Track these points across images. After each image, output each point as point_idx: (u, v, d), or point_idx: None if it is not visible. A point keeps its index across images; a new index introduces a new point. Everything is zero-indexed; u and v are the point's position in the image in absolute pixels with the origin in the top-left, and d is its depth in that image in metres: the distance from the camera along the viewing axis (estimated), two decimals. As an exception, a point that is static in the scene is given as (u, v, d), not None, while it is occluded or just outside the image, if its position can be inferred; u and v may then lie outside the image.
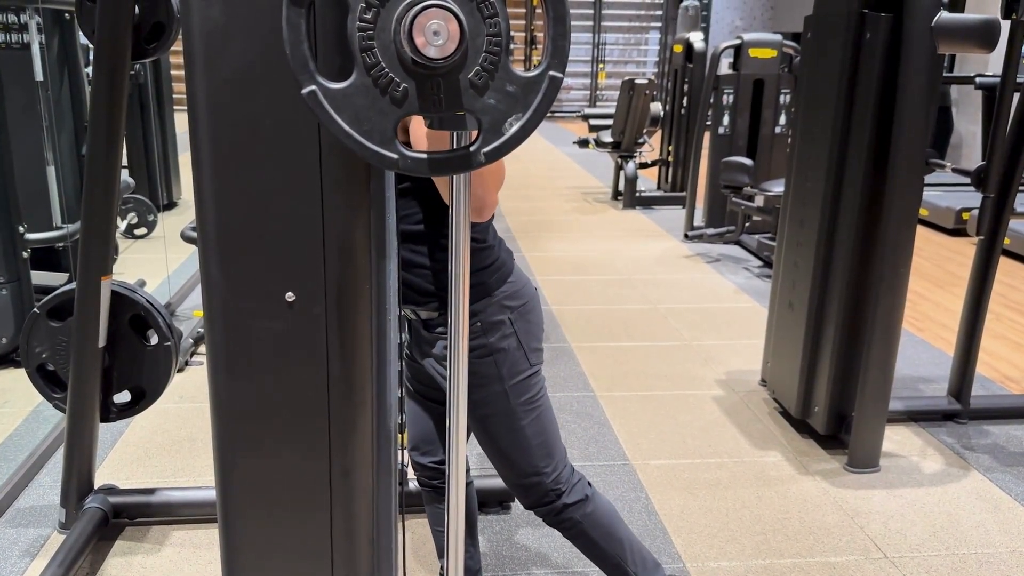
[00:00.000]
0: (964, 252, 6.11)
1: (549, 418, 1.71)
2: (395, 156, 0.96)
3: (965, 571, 2.36)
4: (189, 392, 3.42)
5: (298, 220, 1.11)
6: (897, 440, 3.12)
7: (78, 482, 2.45)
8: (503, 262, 1.64)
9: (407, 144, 1.46)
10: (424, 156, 0.96)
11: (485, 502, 2.63)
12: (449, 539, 1.33)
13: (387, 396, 1.30)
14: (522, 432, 1.67)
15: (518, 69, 0.96)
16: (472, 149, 0.97)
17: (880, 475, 2.87)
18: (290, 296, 1.14)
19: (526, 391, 1.66)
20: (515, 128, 0.97)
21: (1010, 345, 4.20)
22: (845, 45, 2.78)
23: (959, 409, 3.27)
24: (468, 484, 1.98)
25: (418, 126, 1.37)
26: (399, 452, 1.38)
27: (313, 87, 0.92)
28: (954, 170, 3.19)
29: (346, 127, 0.94)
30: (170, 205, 6.58)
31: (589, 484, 1.80)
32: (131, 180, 5.30)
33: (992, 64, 8.26)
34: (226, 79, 1.06)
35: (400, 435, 1.44)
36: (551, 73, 0.96)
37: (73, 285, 2.30)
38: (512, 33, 1.01)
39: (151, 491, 2.53)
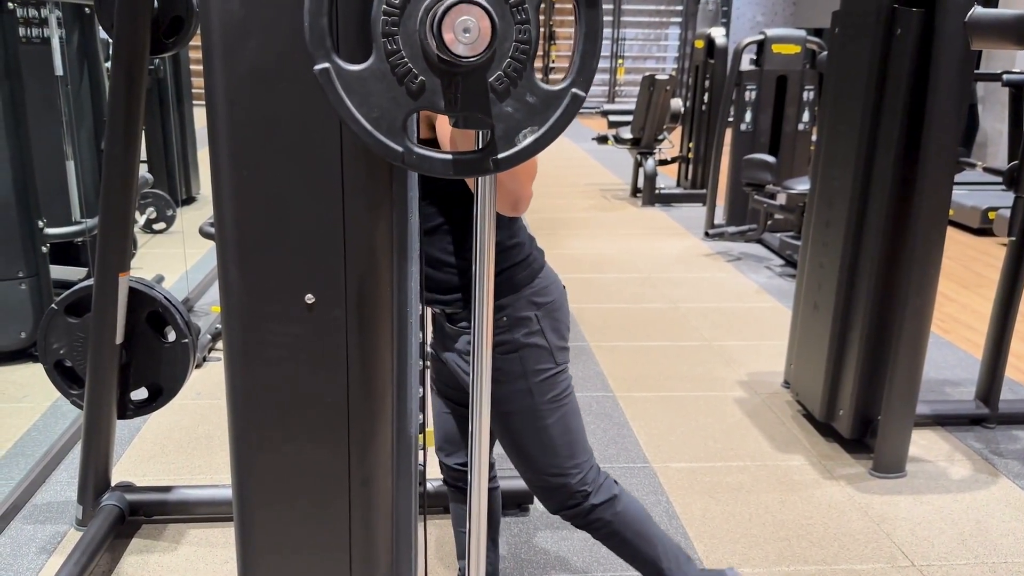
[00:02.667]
0: (990, 252, 6.01)
1: (574, 418, 1.67)
2: (400, 149, 0.92)
3: (995, 581, 2.30)
4: (207, 388, 3.41)
5: (318, 221, 1.08)
6: (924, 445, 3.05)
7: (95, 479, 2.44)
8: (534, 259, 1.61)
9: (430, 141, 1.42)
10: (429, 154, 0.93)
11: (504, 504, 2.59)
12: (471, 543, 1.30)
13: (407, 399, 1.27)
14: (546, 431, 1.63)
15: (541, 80, 0.92)
16: (482, 154, 0.93)
17: (906, 480, 2.81)
18: (310, 298, 1.11)
19: (551, 389, 1.62)
20: (528, 141, 0.93)
21: (1039, 348, 4.12)
22: (875, 41, 2.72)
23: (987, 413, 3.20)
24: (494, 488, 1.95)
25: (444, 124, 1.33)
26: (420, 453, 1.35)
27: (327, 64, 0.88)
28: (985, 169, 3.13)
29: (354, 111, 0.90)
30: (189, 200, 6.59)
31: (616, 483, 1.77)
32: (149, 176, 5.31)
33: (1019, 61, 8.12)
34: (245, 74, 1.03)
35: (421, 435, 1.41)
36: (574, 90, 0.92)
37: (91, 281, 2.29)
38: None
39: (168, 489, 2.52)
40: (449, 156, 0.93)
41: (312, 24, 0.87)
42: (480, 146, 0.96)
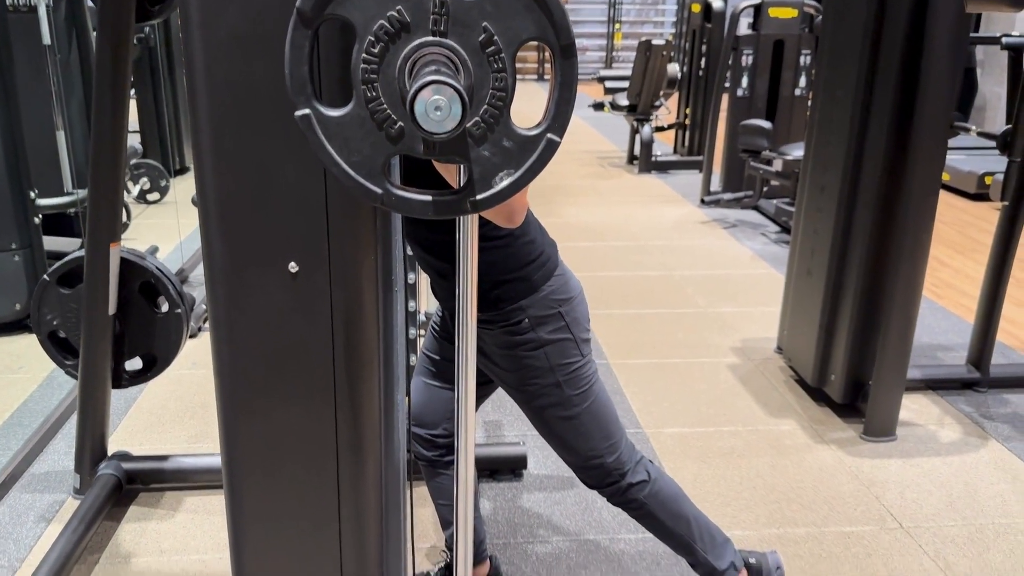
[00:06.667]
0: (986, 217, 6.00)
1: (604, 402, 1.71)
2: (379, 191, 0.95)
3: (982, 542, 2.34)
4: (202, 358, 3.42)
5: (300, 189, 1.08)
6: (914, 409, 3.08)
7: (92, 448, 2.46)
8: (548, 256, 1.61)
9: (430, 180, 1.38)
10: (408, 195, 0.96)
11: (497, 470, 2.62)
12: (459, 516, 1.31)
13: (394, 365, 1.27)
14: (579, 419, 1.68)
15: (517, 125, 0.94)
16: (460, 196, 0.96)
17: (897, 444, 2.84)
18: (293, 267, 1.11)
19: (579, 380, 1.66)
20: (505, 183, 0.96)
21: (1032, 312, 4.14)
22: (869, 3, 2.69)
23: (978, 377, 3.23)
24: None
25: None
26: (407, 419, 1.36)
27: (308, 111, 0.91)
28: (980, 133, 3.11)
29: (334, 155, 0.93)
30: (182, 170, 6.56)
31: (651, 463, 1.81)
32: (138, 146, 5.27)
33: (1019, 24, 8.05)
34: (224, 38, 1.02)
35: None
36: (549, 136, 0.94)
37: (83, 252, 2.29)
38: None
39: (164, 457, 2.54)
40: (428, 197, 0.96)
41: (293, 73, 0.89)
42: (461, 183, 0.98)
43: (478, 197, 0.96)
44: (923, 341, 3.72)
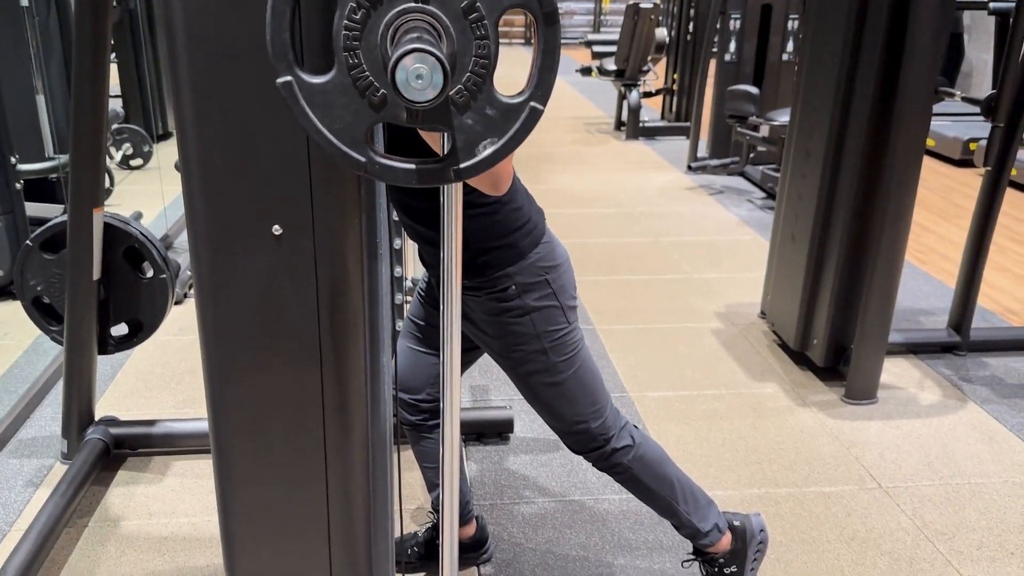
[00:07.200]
0: (970, 183, 6.04)
1: (590, 368, 1.73)
2: (362, 159, 0.94)
3: (958, 501, 2.39)
4: (189, 324, 3.42)
5: (283, 150, 1.08)
6: (895, 372, 3.12)
7: (79, 413, 2.46)
8: (535, 223, 1.61)
9: (418, 146, 1.38)
10: (392, 163, 0.95)
11: (484, 433, 2.65)
12: (444, 478, 1.33)
13: (379, 327, 1.28)
14: (564, 385, 1.69)
15: (501, 93, 0.94)
16: (443, 164, 0.96)
17: (877, 407, 2.88)
18: (277, 229, 1.11)
19: (565, 347, 1.67)
20: (488, 151, 0.96)
21: (1013, 278, 4.18)
22: (856, -33, 2.68)
23: (958, 341, 3.27)
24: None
25: None
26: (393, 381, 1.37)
27: (289, 78, 0.90)
28: (964, 99, 3.12)
29: (317, 123, 0.92)
30: (165, 135, 6.49)
31: (636, 429, 1.83)
32: (120, 110, 5.21)
33: (1008, -12, 8.01)
34: (204, 2, 1.01)
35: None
36: (532, 104, 0.94)
37: (66, 217, 2.28)
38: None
39: (152, 422, 2.55)
40: (412, 166, 0.96)
41: (274, 39, 0.88)
42: (444, 151, 0.97)
43: (462, 166, 0.96)
44: (905, 306, 3.76)
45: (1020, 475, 2.51)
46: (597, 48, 7.98)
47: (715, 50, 6.15)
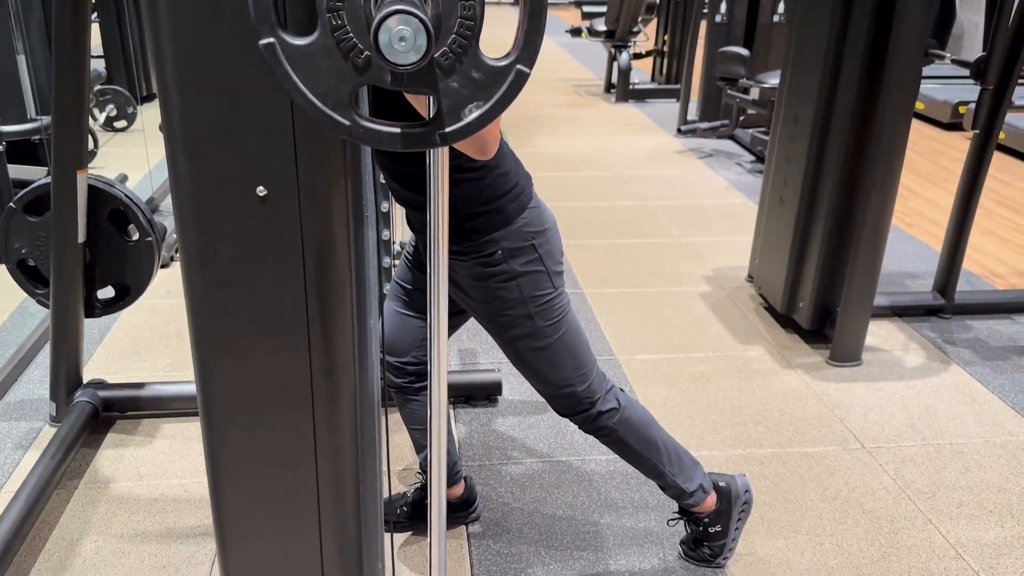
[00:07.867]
0: (959, 147, 6.04)
1: (576, 333, 1.74)
2: (347, 123, 0.93)
3: (939, 461, 2.43)
4: (176, 287, 3.41)
5: (267, 110, 1.07)
6: (881, 335, 3.15)
7: (67, 376, 2.46)
8: (522, 188, 1.61)
9: (405, 109, 1.36)
10: (377, 127, 0.94)
11: (473, 396, 2.66)
12: (432, 439, 1.34)
13: (366, 290, 1.28)
14: (551, 350, 1.70)
15: (486, 56, 0.92)
16: (429, 128, 0.95)
17: (862, 369, 2.91)
18: (261, 190, 1.10)
19: (551, 311, 1.68)
20: (474, 115, 0.94)
21: (998, 241, 4.21)
22: (848, -74, 2.65)
23: (943, 304, 3.30)
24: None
25: None
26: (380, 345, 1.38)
27: (272, 40, 0.88)
28: (953, 61, 3.11)
29: (300, 85, 0.91)
30: (149, 97, 6.40)
31: (622, 392, 1.85)
32: (103, 71, 5.13)
33: (1001, -51, 7.94)
34: (184, -42, 1.00)
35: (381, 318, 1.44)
36: (519, 67, 0.93)
37: (49, 179, 2.25)
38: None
39: (141, 385, 2.55)
40: (397, 130, 0.95)
41: (256, 1, 0.86)
42: (430, 115, 0.96)
43: (447, 130, 0.95)
44: (891, 269, 3.79)
45: (1000, 435, 2.55)
46: (587, 8, 7.89)
47: (706, 11, 6.09)
